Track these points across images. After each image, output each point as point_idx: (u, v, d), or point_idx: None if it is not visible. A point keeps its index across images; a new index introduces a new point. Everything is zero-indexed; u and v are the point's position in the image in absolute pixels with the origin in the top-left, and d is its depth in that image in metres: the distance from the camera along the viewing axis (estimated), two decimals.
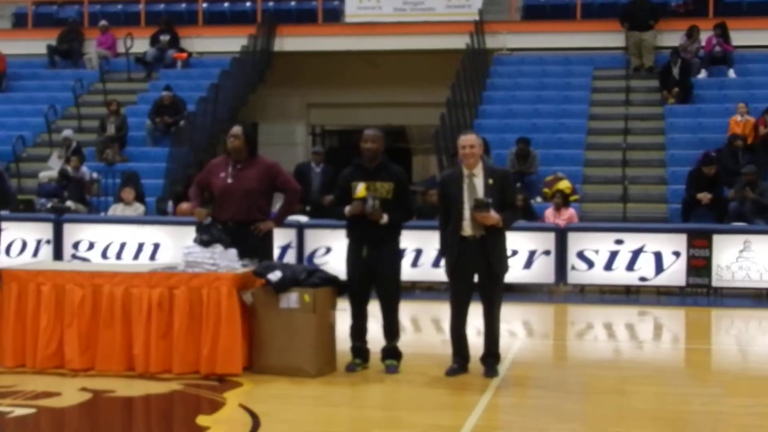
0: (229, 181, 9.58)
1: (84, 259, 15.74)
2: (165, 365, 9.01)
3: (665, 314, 14.15)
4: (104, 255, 16.00)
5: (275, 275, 8.97)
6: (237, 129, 9.72)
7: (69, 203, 18.06)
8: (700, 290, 15.14)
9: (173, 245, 15.67)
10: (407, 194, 9.49)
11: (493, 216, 8.92)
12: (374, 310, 9.45)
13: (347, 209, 9.24)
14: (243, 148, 9.63)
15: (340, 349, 9.44)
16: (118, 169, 19.52)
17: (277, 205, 10.17)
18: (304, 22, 24.42)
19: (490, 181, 9.09)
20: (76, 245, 16.16)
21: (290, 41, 23.97)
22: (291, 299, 8.97)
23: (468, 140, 9.14)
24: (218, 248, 9.16)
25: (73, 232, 16.27)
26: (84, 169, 19.01)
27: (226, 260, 9.15)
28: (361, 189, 9.20)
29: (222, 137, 22.20)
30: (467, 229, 9.02)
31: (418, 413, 7.97)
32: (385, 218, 9.13)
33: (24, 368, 9.20)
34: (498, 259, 9.12)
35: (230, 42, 23.42)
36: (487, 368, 9.17)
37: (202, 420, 7.65)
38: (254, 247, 9.43)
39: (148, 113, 21.17)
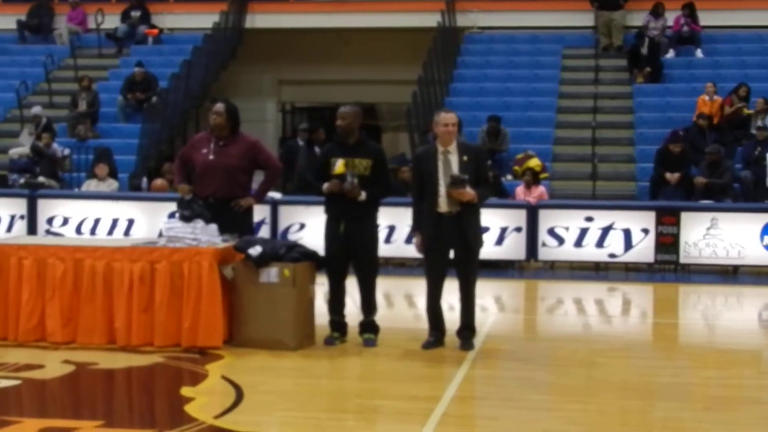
0: (211, 157, 9.67)
1: (58, 235, 15.78)
2: (146, 338, 9.15)
3: (634, 290, 14.41)
4: (78, 230, 16.07)
5: (255, 250, 9.11)
6: (220, 106, 9.78)
7: (41, 179, 18.10)
8: (668, 266, 15.40)
9: (147, 221, 15.79)
10: (385, 171, 9.63)
11: (469, 192, 9.09)
12: (351, 285, 9.62)
13: (325, 186, 9.36)
14: (225, 125, 9.72)
15: (318, 323, 9.61)
16: (90, 145, 19.53)
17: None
18: None
19: (465, 158, 9.26)
20: (50, 221, 16.22)
21: (262, 18, 24.02)
22: (271, 274, 9.11)
23: (449, 118, 9.31)
24: (199, 223, 9.29)
25: (48, 208, 16.33)
26: (55, 145, 19.03)
27: (207, 235, 9.28)
28: (339, 165, 9.33)
29: (194, 113, 22.36)
30: (443, 206, 9.18)
31: (396, 385, 8.16)
32: (363, 195, 9.28)
33: (6, 341, 9.31)
34: (473, 235, 9.30)
35: (202, 18, 23.42)
36: (463, 341, 9.36)
37: (186, 391, 7.79)
38: (234, 222, 9.56)
39: (120, 89, 21.19)
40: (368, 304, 9.53)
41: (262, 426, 7.02)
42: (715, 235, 15.14)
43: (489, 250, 14.80)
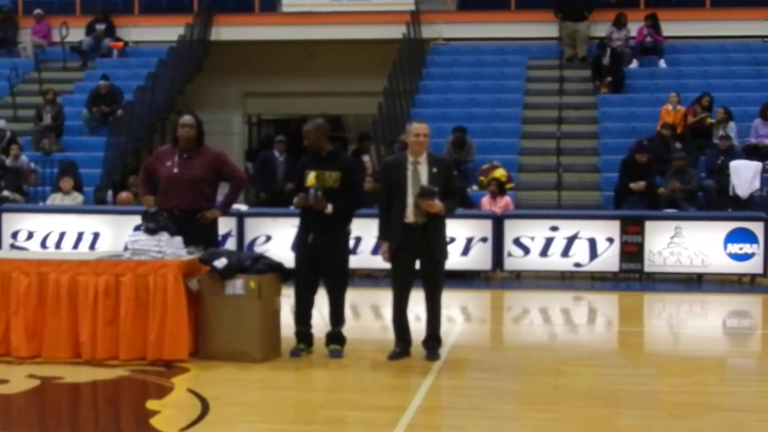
0: (175, 170, 9.66)
1: (23, 249, 15.69)
2: (111, 352, 9.10)
3: (599, 299, 14.48)
4: (43, 244, 15.98)
5: (221, 262, 9.10)
6: (190, 119, 9.76)
7: (6, 193, 17.99)
8: (633, 275, 15.49)
9: (113, 234, 15.73)
10: (356, 183, 9.65)
11: (438, 204, 9.12)
12: (317, 297, 9.63)
13: (294, 200, 9.46)
14: (194, 137, 9.73)
15: (284, 334, 9.59)
16: (55, 159, 19.44)
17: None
18: (241, 11, 24.45)
19: (434, 170, 9.30)
20: (14, 235, 16.12)
21: (227, 30, 24.03)
22: (236, 286, 9.10)
23: (422, 128, 9.37)
24: (164, 236, 9.26)
25: (12, 222, 16.23)
26: (24, 157, 18.95)
27: (172, 248, 9.25)
28: (311, 178, 9.40)
29: (159, 126, 22.31)
30: (410, 216, 9.21)
31: (363, 395, 8.18)
32: (329, 208, 9.29)
33: None
34: (439, 246, 9.34)
35: (167, 31, 23.39)
36: (429, 352, 9.38)
37: (151, 404, 7.76)
38: (199, 234, 9.55)
39: (84, 102, 21.12)
40: (336, 316, 9.53)
41: None
42: (679, 243, 15.25)
43: (455, 261, 14.87)
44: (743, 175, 17.74)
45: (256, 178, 18.88)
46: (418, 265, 9.33)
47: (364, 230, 14.95)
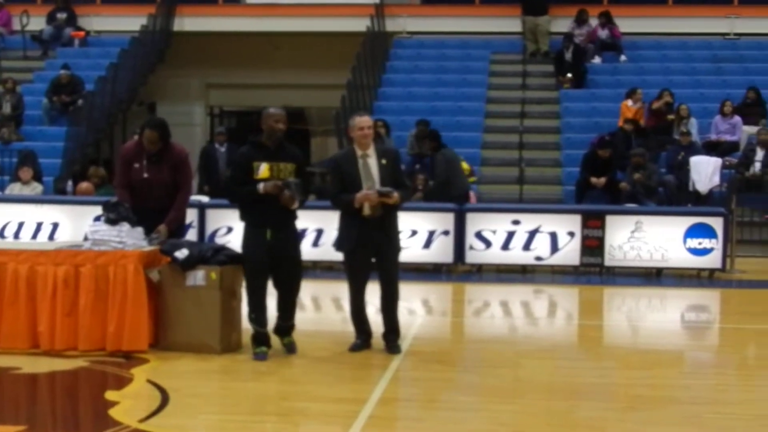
0: (145, 175, 9.56)
1: None
2: (70, 343, 9.02)
3: (560, 292, 14.53)
4: (1, 234, 15.83)
5: (182, 253, 9.05)
6: (153, 134, 9.53)
7: None
8: (594, 269, 15.56)
9: (72, 225, 15.59)
10: (305, 175, 9.52)
11: (396, 194, 9.09)
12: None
13: (261, 186, 8.90)
14: (159, 145, 9.62)
15: (244, 326, 9.55)
16: (14, 148, 19.30)
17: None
18: (205, 2, 24.39)
19: (384, 161, 9.28)
20: None
21: (190, 21, 23.92)
22: (197, 277, 9.06)
23: (365, 121, 9.32)
24: (125, 226, 9.20)
25: None
26: None
27: (133, 238, 9.19)
28: (264, 169, 9.02)
29: (120, 117, 22.20)
30: (366, 209, 9.17)
31: (324, 387, 8.17)
32: (296, 203, 9.03)
33: None
34: (395, 238, 9.35)
35: (129, 21, 23.27)
36: (388, 344, 9.37)
37: (110, 395, 7.71)
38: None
39: (45, 92, 20.95)
40: (293, 308, 9.33)
41: (186, 429, 6.99)
42: (639, 238, 15.33)
43: (417, 253, 14.95)
44: (703, 171, 17.91)
45: (200, 172, 18.89)
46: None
47: (325, 223, 14.95)
